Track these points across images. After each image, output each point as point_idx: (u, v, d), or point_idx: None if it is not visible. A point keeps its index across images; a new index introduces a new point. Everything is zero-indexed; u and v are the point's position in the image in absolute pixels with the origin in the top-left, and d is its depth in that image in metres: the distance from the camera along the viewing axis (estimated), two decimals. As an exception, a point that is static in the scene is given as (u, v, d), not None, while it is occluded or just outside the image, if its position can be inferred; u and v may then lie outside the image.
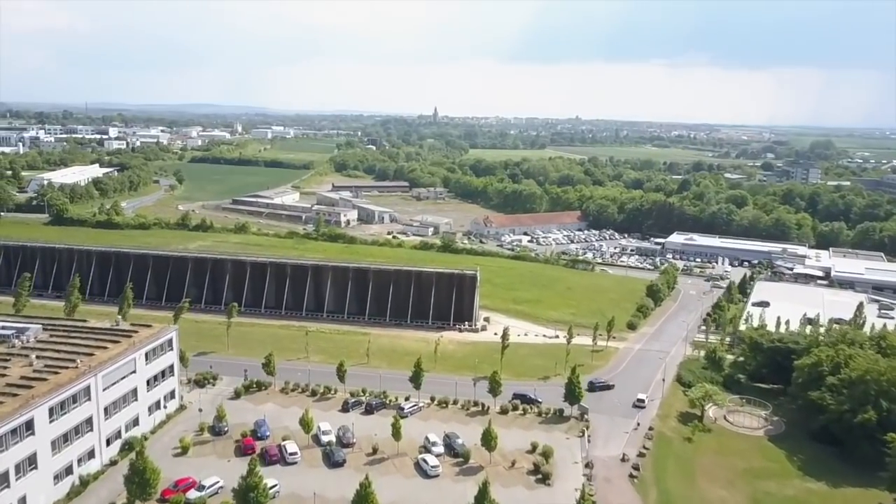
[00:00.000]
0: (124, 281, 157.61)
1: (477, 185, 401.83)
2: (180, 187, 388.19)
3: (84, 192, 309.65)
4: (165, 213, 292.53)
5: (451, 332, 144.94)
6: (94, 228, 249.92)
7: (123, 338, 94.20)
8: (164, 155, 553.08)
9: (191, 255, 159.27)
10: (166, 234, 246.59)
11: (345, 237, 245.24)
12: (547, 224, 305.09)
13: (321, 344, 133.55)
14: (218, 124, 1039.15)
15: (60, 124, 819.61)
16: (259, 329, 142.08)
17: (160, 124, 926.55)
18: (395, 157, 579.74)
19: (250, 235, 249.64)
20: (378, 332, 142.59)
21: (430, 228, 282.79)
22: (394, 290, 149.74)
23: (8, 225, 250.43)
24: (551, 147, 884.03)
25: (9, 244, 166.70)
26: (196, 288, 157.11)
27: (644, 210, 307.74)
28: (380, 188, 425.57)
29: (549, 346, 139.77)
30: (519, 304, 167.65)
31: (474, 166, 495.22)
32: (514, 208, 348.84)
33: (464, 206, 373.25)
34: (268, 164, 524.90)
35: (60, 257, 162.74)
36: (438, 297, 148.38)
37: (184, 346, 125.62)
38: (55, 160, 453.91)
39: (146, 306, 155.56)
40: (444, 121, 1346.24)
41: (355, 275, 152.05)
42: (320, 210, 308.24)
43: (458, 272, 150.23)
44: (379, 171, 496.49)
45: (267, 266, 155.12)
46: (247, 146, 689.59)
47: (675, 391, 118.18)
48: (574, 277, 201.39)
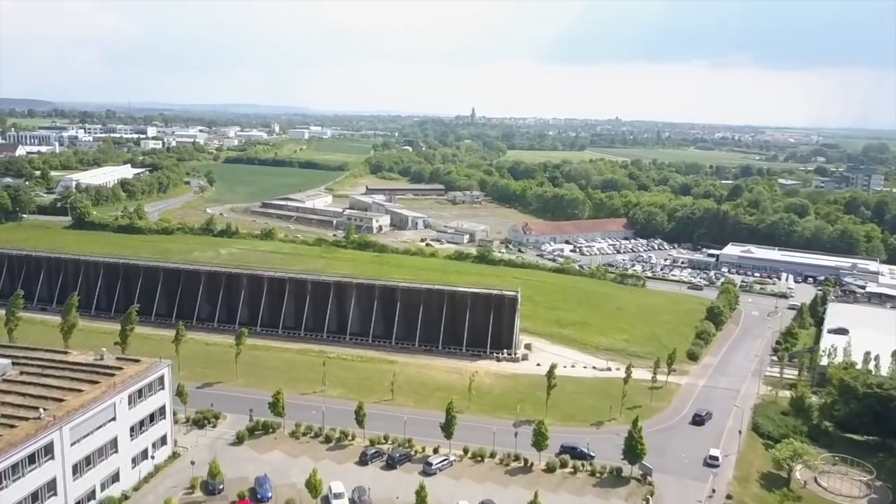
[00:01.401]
0: (133, 295, 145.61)
1: (515, 189, 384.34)
2: (211, 189, 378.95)
3: (110, 194, 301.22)
4: (192, 217, 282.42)
5: (487, 360, 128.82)
6: (116, 233, 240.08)
7: (105, 377, 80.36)
8: (198, 155, 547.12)
9: (204, 268, 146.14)
10: (189, 239, 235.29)
11: (375, 245, 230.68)
12: (590, 232, 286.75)
13: (341, 374, 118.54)
14: (257, 124, 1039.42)
15: (102, 124, 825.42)
16: (274, 354, 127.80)
17: (200, 124, 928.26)
18: (431, 158, 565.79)
19: (277, 242, 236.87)
20: (405, 359, 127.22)
21: (465, 236, 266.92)
22: (424, 311, 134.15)
23: (28, 229, 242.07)
24: (591, 148, 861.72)
25: (13, 254, 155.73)
26: (209, 304, 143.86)
27: (695, 218, 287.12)
28: (414, 191, 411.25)
29: (600, 380, 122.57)
30: (564, 326, 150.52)
31: (512, 168, 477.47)
32: (555, 214, 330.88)
33: (501, 211, 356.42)
34: (302, 165, 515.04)
35: (66, 269, 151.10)
36: (474, 321, 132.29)
37: (188, 373, 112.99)
38: (89, 160, 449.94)
39: (155, 324, 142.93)
40: (482, 121, 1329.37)
41: (382, 293, 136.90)
42: (352, 215, 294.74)
43: (496, 293, 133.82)
44: (414, 173, 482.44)
45: (286, 282, 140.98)
46: (283, 146, 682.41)
47: (752, 444, 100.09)
48: (624, 295, 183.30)
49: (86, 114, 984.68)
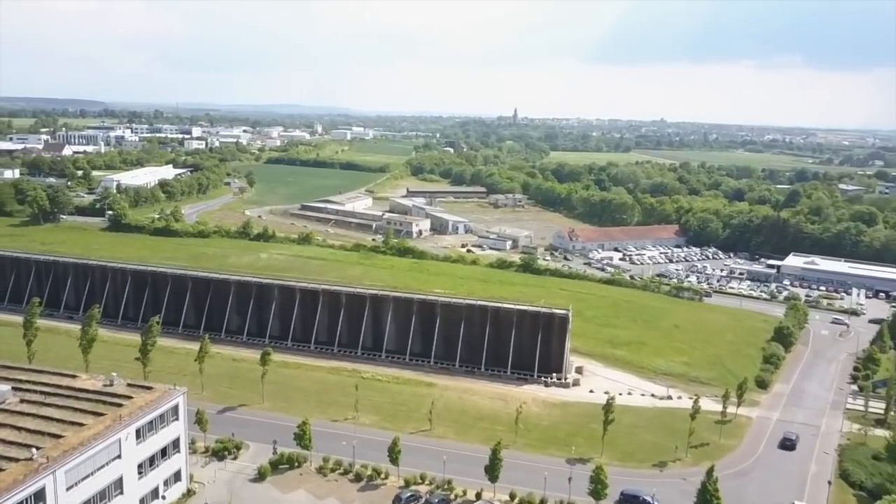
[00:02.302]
0: (161, 304, 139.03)
1: (560, 192, 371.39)
2: (251, 190, 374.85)
3: (149, 195, 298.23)
4: (230, 219, 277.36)
5: (534, 385, 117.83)
6: (152, 236, 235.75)
7: (112, 407, 72.21)
8: (241, 155, 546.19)
9: (233, 277, 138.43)
10: (225, 243, 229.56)
11: (414, 252, 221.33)
12: (640, 239, 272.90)
13: (375, 397, 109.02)
14: (300, 125, 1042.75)
15: (149, 124, 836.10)
16: (305, 373, 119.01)
17: (245, 124, 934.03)
18: (472, 160, 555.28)
19: (314, 247, 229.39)
20: (445, 381, 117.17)
21: (508, 242, 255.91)
22: (465, 329, 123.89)
23: (65, 230, 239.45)
24: (636, 150, 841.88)
25: (40, 259, 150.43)
26: (239, 316, 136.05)
27: (752, 226, 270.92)
28: (455, 194, 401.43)
29: (660, 411, 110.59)
30: (617, 346, 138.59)
31: (556, 171, 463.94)
32: (602, 219, 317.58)
33: (544, 215, 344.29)
34: (343, 167, 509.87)
35: (94, 275, 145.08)
36: (520, 341, 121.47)
37: (211, 393, 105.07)
38: (133, 160, 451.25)
39: (182, 335, 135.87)
40: (524, 122, 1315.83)
41: (420, 308, 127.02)
42: (391, 219, 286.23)
43: (545, 311, 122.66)
44: (455, 174, 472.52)
45: (319, 294, 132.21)
46: (325, 147, 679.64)
47: (843, 497, 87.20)
48: (680, 310, 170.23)
49: (134, 114, 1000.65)
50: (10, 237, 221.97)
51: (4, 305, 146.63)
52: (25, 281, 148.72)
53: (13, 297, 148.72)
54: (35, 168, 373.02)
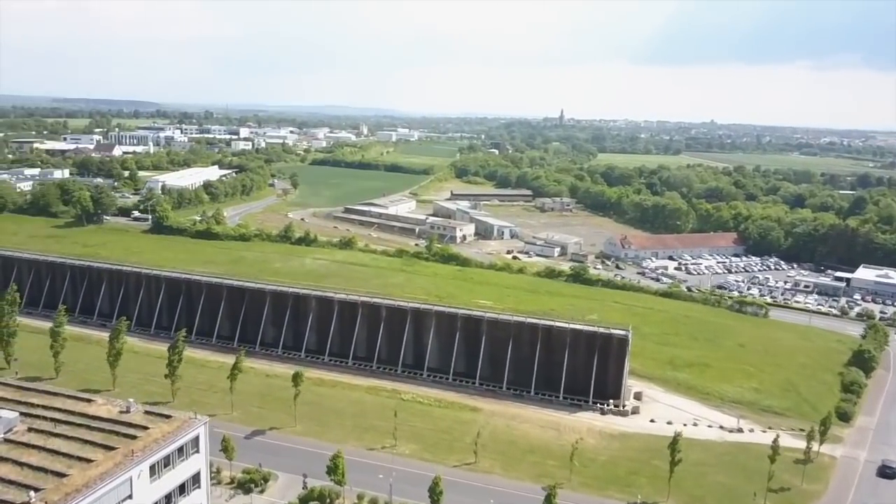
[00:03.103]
0: (195, 313, 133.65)
1: (610, 196, 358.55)
2: (294, 192, 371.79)
3: (193, 197, 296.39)
4: (272, 222, 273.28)
5: (589, 413, 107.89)
6: (193, 238, 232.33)
7: (125, 439, 65.37)
8: (286, 156, 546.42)
9: (269, 287, 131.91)
10: (266, 247, 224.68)
11: (458, 258, 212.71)
12: (697, 247, 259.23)
13: (416, 422, 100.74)
14: (346, 126, 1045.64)
15: (199, 124, 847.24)
16: (341, 392, 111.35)
17: (292, 125, 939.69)
18: (518, 162, 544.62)
19: (356, 252, 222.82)
20: (492, 406, 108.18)
21: (556, 248, 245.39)
22: (514, 348, 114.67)
23: (107, 232, 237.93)
24: (686, 153, 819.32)
25: (76, 264, 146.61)
26: (274, 328, 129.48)
27: (818, 235, 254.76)
28: (501, 197, 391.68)
29: (731, 446, 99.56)
30: (678, 368, 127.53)
31: (605, 174, 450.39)
32: (654, 225, 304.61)
33: (594, 220, 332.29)
34: (387, 169, 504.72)
35: (128, 282, 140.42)
36: (574, 363, 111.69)
37: (241, 413, 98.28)
38: (180, 161, 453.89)
39: (215, 347, 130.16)
40: (571, 123, 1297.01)
41: (465, 324, 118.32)
42: (435, 223, 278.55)
43: (602, 331, 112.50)
44: (501, 177, 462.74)
45: (358, 306, 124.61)
46: (370, 148, 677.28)
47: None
48: (745, 327, 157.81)
49: (185, 114, 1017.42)
50: (54, 238, 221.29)
51: (39, 311, 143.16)
52: (60, 286, 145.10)
53: (48, 303, 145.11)
54: (84, 168, 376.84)
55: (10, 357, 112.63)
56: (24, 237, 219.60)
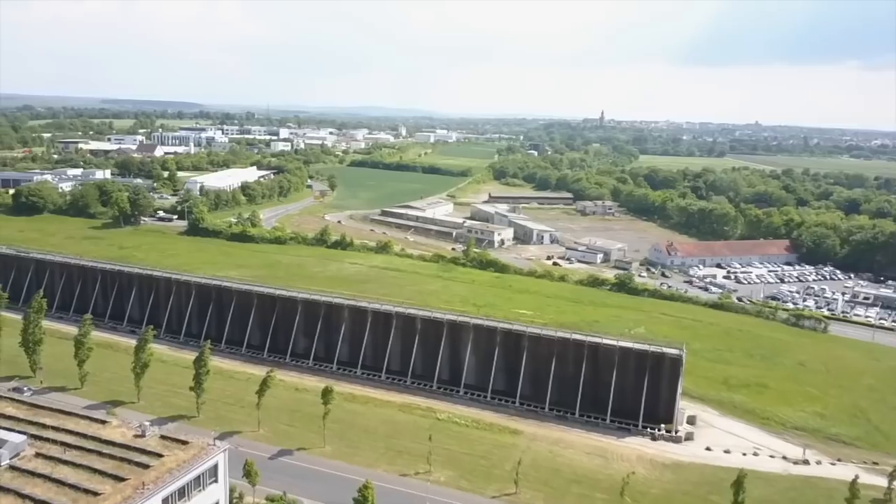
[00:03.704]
0: (225, 320, 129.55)
1: (653, 200, 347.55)
2: (332, 194, 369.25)
3: (230, 198, 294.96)
4: (309, 224, 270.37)
5: (639, 438, 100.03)
6: (228, 241, 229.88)
7: (137, 468, 60.35)
8: (325, 157, 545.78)
9: (301, 295, 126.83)
10: (301, 250, 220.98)
11: (497, 264, 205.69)
12: (746, 255, 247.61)
13: (452, 445, 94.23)
14: (384, 127, 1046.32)
15: (240, 125, 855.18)
16: (373, 409, 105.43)
17: (331, 126, 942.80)
18: (557, 163, 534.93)
19: (392, 257, 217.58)
20: (533, 429, 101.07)
21: (598, 255, 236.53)
22: (557, 365, 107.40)
23: (143, 233, 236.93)
24: (731, 155, 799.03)
25: (107, 268, 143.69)
26: (306, 338, 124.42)
27: (877, 243, 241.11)
28: (540, 199, 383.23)
29: (796, 480, 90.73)
30: (734, 389, 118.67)
31: (649, 177, 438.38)
32: (700, 231, 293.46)
33: (637, 225, 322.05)
34: (425, 170, 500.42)
35: (158, 287, 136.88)
36: (622, 383, 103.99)
37: (268, 431, 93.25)
38: (219, 162, 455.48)
39: (245, 357, 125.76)
40: (611, 124, 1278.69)
41: (505, 339, 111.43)
42: (472, 227, 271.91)
43: (653, 350, 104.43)
44: (540, 179, 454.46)
45: (392, 317, 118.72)
46: (408, 150, 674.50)
47: None
48: (804, 343, 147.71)
49: (227, 115, 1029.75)
50: (91, 240, 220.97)
51: (70, 316, 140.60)
52: (91, 290, 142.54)
53: (78, 308, 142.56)
54: (125, 169, 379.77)
55: (35, 365, 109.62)
56: (61, 238, 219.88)
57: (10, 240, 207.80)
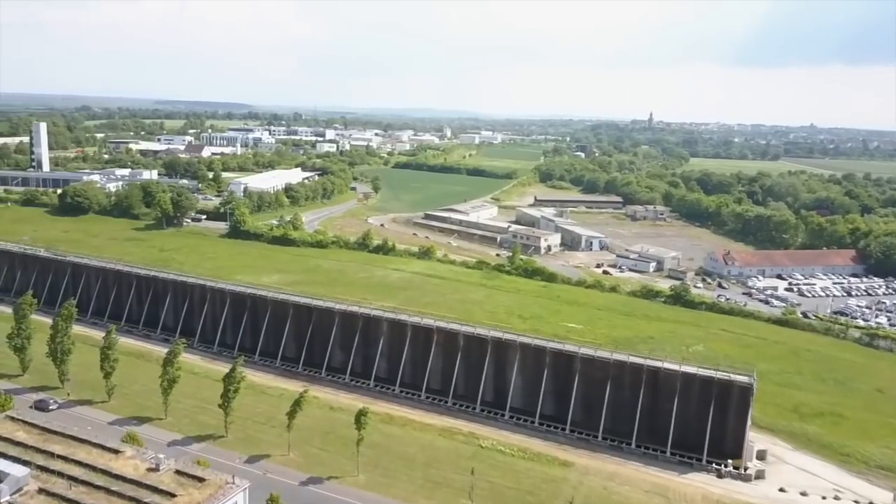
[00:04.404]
0: (260, 331, 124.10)
1: (707, 205, 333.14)
2: (375, 196, 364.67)
3: (273, 200, 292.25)
4: (351, 227, 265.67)
5: (703, 475, 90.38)
6: (270, 244, 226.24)
7: (148, 509, 54.40)
8: (369, 159, 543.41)
9: (338, 306, 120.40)
10: (343, 255, 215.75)
11: (543, 273, 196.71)
12: (809, 265, 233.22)
13: (496, 478, 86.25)
14: (430, 128, 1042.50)
15: (287, 126, 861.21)
16: (411, 433, 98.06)
17: (377, 127, 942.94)
18: (606, 166, 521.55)
19: (434, 262, 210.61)
20: (585, 461, 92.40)
21: (651, 263, 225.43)
22: (612, 390, 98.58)
23: (185, 235, 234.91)
24: (785, 158, 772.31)
25: (142, 273, 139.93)
26: (342, 351, 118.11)
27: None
28: (588, 203, 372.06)
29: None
30: (806, 419, 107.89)
31: (701, 180, 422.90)
32: (757, 238, 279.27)
33: (689, 231, 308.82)
34: (470, 172, 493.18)
35: (192, 295, 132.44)
36: (684, 412, 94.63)
37: (298, 455, 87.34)
38: (265, 163, 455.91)
39: (280, 370, 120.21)
40: (660, 126, 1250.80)
41: (555, 360, 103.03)
42: (518, 231, 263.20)
43: (720, 376, 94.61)
44: (587, 182, 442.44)
45: (433, 332, 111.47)
46: (452, 152, 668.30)
47: None
48: (880, 367, 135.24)
49: (275, 116, 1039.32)
50: (133, 242, 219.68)
51: (104, 321, 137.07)
52: (126, 296, 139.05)
53: (114, 314, 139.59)
54: (171, 169, 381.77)
55: (63, 376, 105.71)
56: (104, 239, 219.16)
57: (54, 240, 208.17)
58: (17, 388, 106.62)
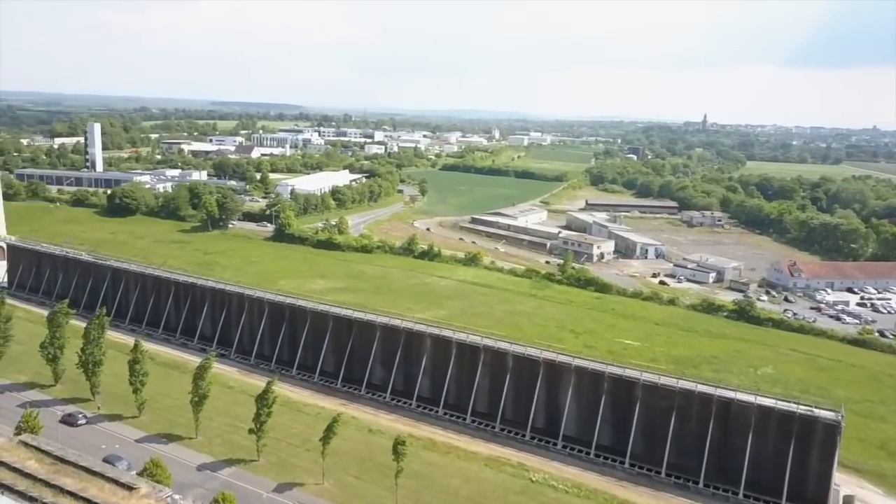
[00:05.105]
0: (298, 343, 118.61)
1: (768, 212, 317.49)
2: (422, 199, 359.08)
3: (319, 202, 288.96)
4: (397, 231, 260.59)
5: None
6: (314, 248, 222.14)
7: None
8: (417, 161, 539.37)
9: (379, 320, 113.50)
10: (387, 260, 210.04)
11: (597, 283, 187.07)
12: (883, 278, 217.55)
13: (549, 518, 78.41)
14: (478, 130, 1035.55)
15: (337, 127, 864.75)
16: (455, 462, 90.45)
17: (426, 129, 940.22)
18: (659, 169, 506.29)
19: (481, 270, 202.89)
20: (647, 500, 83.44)
21: (710, 274, 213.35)
22: (678, 421, 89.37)
23: (230, 238, 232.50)
24: (847, 162, 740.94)
25: (180, 280, 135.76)
26: (384, 368, 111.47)
27: None
28: (641, 208, 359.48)
29: None
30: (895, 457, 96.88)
31: (761, 185, 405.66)
32: (822, 248, 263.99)
33: (749, 239, 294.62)
34: (518, 175, 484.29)
35: (230, 303, 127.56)
36: (760, 450, 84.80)
37: (333, 485, 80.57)
38: (313, 164, 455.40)
39: (318, 385, 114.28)
40: (714, 128, 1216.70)
41: (613, 387, 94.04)
42: (569, 237, 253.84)
43: (802, 411, 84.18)
44: (640, 186, 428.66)
45: (479, 351, 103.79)
46: (501, 153, 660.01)
47: None
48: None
49: (326, 118, 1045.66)
50: (178, 244, 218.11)
51: (141, 329, 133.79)
52: (164, 303, 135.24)
53: (151, 321, 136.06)
54: (221, 170, 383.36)
55: (94, 388, 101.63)
56: (149, 241, 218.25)
57: (101, 242, 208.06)
58: (48, 399, 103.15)
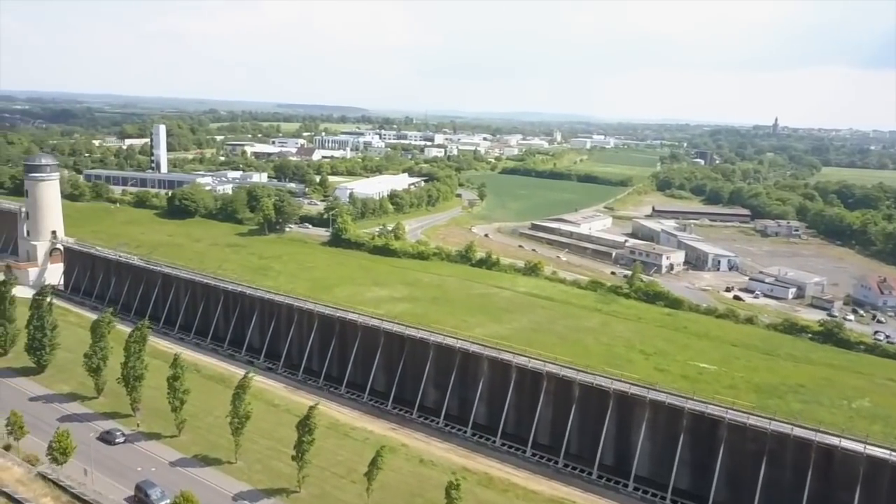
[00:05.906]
0: (348, 359, 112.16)
1: (850, 222, 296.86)
2: (481, 203, 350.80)
3: (377, 207, 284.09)
4: (455, 237, 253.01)
5: None
6: (370, 254, 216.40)
7: None
8: (476, 164, 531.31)
9: (433, 338, 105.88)
10: (444, 268, 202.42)
11: (667, 297, 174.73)
12: None
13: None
14: (539, 132, 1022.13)
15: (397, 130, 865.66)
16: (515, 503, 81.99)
17: (486, 132, 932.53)
18: (729, 175, 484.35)
19: (542, 281, 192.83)
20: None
21: (790, 289, 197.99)
22: (769, 468, 78.52)
23: (286, 243, 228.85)
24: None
25: (229, 289, 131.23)
26: (437, 390, 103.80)
27: None
28: (711, 216, 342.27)
29: None
30: None
31: (841, 193, 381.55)
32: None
33: (830, 251, 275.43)
34: (581, 179, 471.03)
35: (280, 314, 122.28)
36: None
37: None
38: (373, 167, 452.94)
39: (367, 407, 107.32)
40: (785, 132, 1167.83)
41: (694, 425, 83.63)
42: (635, 247, 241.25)
43: (918, 465, 73.00)
44: (710, 192, 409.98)
45: (542, 377, 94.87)
46: (562, 157, 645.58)
47: None
48: None
49: (387, 120, 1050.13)
50: (233, 248, 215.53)
51: (190, 338, 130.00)
52: (213, 311, 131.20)
53: (200, 329, 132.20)
54: (281, 172, 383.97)
55: (134, 403, 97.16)
56: (206, 245, 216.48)
57: (158, 244, 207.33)
58: (88, 413, 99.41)
